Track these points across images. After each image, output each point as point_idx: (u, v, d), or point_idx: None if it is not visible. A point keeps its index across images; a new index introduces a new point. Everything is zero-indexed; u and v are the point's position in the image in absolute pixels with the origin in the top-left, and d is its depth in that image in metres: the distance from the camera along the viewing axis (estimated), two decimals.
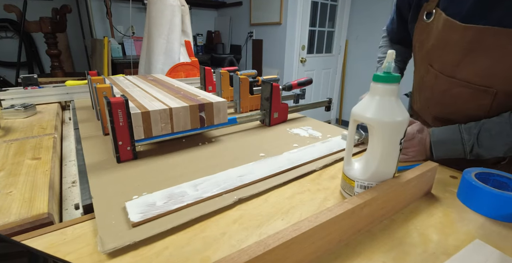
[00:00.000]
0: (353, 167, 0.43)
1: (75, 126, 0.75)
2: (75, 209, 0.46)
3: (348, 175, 0.43)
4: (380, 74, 0.38)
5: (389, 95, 0.39)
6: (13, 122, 0.79)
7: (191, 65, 1.35)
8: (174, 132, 0.60)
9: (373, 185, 0.41)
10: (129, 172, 0.51)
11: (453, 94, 0.59)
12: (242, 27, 3.24)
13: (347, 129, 0.52)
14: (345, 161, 0.44)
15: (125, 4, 2.73)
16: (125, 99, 0.50)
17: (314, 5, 2.87)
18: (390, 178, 0.42)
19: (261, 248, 0.28)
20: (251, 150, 0.61)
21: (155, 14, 1.47)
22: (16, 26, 2.71)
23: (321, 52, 3.19)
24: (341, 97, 3.48)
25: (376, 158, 0.40)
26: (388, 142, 0.39)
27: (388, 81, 0.38)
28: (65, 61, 2.94)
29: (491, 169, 0.47)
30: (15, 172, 0.50)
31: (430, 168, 0.45)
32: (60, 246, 0.34)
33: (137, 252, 0.33)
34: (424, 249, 0.35)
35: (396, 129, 0.39)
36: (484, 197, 0.41)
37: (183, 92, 0.71)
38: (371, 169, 0.41)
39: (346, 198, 0.44)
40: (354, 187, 0.42)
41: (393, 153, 0.40)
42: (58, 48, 2.11)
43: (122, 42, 2.81)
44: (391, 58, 0.38)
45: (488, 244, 0.36)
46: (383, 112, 0.38)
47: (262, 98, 0.76)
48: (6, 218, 0.38)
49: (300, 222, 0.32)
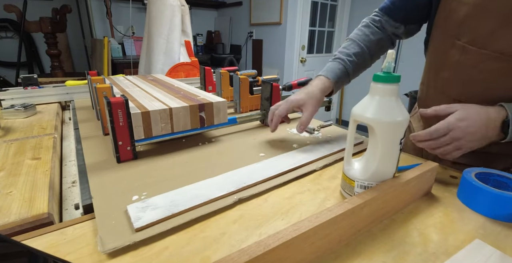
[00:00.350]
0: (353, 167, 0.43)
1: (75, 126, 0.75)
2: (75, 209, 0.46)
3: (348, 175, 0.43)
4: (380, 74, 0.39)
5: (389, 95, 0.39)
6: (13, 122, 0.79)
7: (191, 65, 1.35)
8: (174, 132, 0.60)
9: (373, 185, 0.41)
10: (129, 172, 0.51)
11: (482, 69, 0.52)
12: (242, 27, 3.24)
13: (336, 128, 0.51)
14: (345, 161, 0.44)
15: (125, 4, 2.73)
16: (125, 99, 0.50)
17: (314, 5, 2.87)
18: (390, 178, 0.42)
19: (261, 248, 0.28)
20: (251, 150, 0.61)
21: (155, 14, 1.47)
22: (16, 26, 2.71)
23: (321, 52, 3.19)
24: (341, 97, 3.48)
25: (376, 158, 0.40)
26: (388, 142, 0.39)
27: (388, 81, 0.38)
28: (65, 61, 2.94)
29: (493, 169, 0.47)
30: (15, 172, 0.50)
31: (430, 168, 0.45)
32: (60, 246, 0.34)
33: (137, 252, 0.33)
34: (424, 249, 0.35)
35: (396, 129, 0.39)
36: (484, 197, 0.41)
37: (183, 92, 0.71)
38: (371, 169, 0.41)
39: (346, 198, 0.44)
40: (354, 187, 0.42)
41: (393, 153, 0.40)
42: (58, 48, 2.11)
43: (122, 42, 2.81)
44: (391, 58, 0.38)
45: (488, 244, 0.36)
46: (383, 112, 0.38)
47: (262, 98, 0.76)
48: (6, 218, 0.38)
49: (300, 222, 0.32)
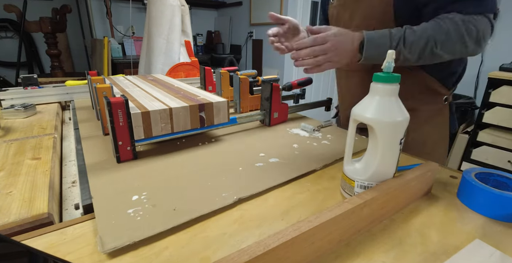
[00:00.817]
0: (353, 167, 0.43)
1: (75, 126, 0.75)
2: (75, 209, 0.46)
3: (348, 175, 0.43)
4: (380, 74, 0.39)
5: (389, 95, 0.39)
6: (13, 122, 0.79)
7: (191, 65, 1.35)
8: (174, 132, 0.60)
9: (373, 185, 0.41)
10: (129, 172, 0.51)
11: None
12: (242, 27, 3.24)
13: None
14: (345, 161, 0.44)
15: (125, 4, 2.74)
16: (125, 99, 0.50)
17: (314, 5, 2.87)
18: (390, 178, 0.42)
19: (261, 248, 0.28)
20: (251, 150, 0.61)
21: (155, 14, 1.47)
22: (16, 26, 2.71)
23: None
24: None
25: (376, 158, 0.40)
26: (388, 142, 0.39)
27: (388, 81, 0.38)
28: (65, 61, 2.94)
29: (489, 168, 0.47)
30: (15, 172, 0.50)
31: (430, 168, 0.45)
32: (60, 246, 0.34)
33: (137, 252, 0.33)
34: (424, 249, 0.35)
35: (396, 129, 0.39)
36: (484, 197, 0.41)
37: (183, 92, 0.71)
38: (371, 169, 0.41)
39: (346, 198, 0.44)
40: (354, 187, 0.42)
41: (393, 153, 0.40)
42: (58, 48, 2.11)
43: (122, 42, 2.81)
44: (391, 58, 0.39)
45: (488, 244, 0.36)
46: (383, 112, 0.38)
47: (262, 98, 0.76)
48: (6, 218, 0.38)
49: (300, 222, 0.32)
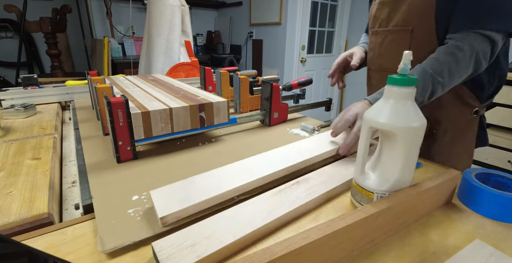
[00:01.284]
0: (369, 177, 0.40)
1: (75, 126, 0.75)
2: (75, 209, 0.46)
3: (363, 186, 0.40)
4: (395, 76, 0.36)
5: (405, 99, 0.36)
6: (13, 122, 0.79)
7: (191, 65, 1.35)
8: (174, 132, 0.60)
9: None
10: (129, 172, 0.51)
11: (386, 44, 0.71)
12: (242, 27, 3.24)
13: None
14: (358, 170, 0.41)
15: (125, 4, 2.73)
16: (125, 99, 0.50)
17: (314, 5, 2.87)
18: (407, 186, 0.39)
19: (267, 256, 0.26)
20: (251, 150, 0.61)
21: (155, 14, 1.47)
22: (16, 26, 2.71)
23: (321, 52, 3.19)
24: (341, 97, 3.47)
25: (397, 167, 0.38)
26: (409, 150, 0.37)
27: (404, 84, 0.35)
28: (65, 61, 2.94)
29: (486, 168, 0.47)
30: (15, 172, 0.50)
31: (452, 177, 0.43)
32: (60, 246, 0.34)
33: (137, 252, 0.33)
34: (424, 249, 0.35)
35: (416, 135, 0.36)
36: (484, 197, 0.41)
37: (183, 92, 0.71)
38: (392, 179, 0.38)
39: (358, 207, 0.41)
40: (373, 199, 0.39)
41: (413, 160, 0.38)
42: (58, 48, 2.11)
43: (122, 42, 2.80)
44: (407, 60, 0.36)
45: (488, 244, 0.36)
46: (398, 117, 0.36)
47: (262, 98, 0.76)
48: (6, 218, 0.38)
49: (310, 229, 0.30)
